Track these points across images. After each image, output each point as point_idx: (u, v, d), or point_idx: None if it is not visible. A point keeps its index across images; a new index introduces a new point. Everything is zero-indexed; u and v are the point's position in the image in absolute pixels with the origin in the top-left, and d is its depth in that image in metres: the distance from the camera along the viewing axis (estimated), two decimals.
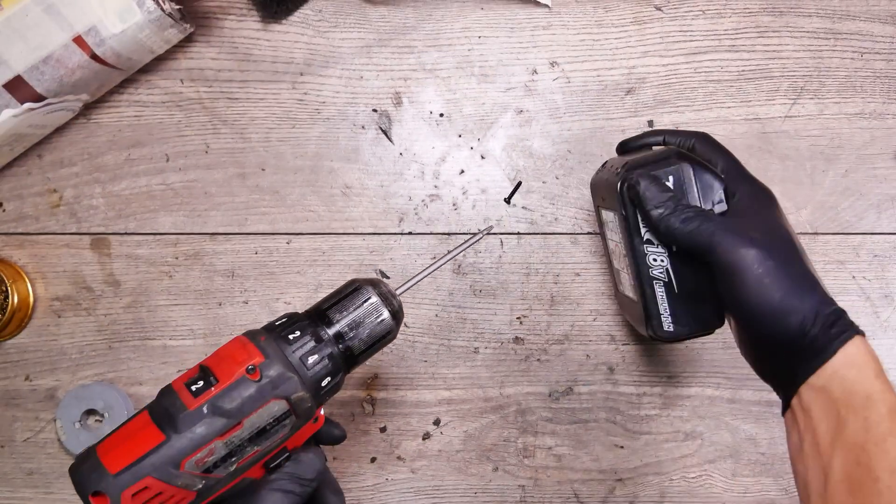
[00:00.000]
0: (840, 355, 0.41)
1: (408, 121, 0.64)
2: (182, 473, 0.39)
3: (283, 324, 0.44)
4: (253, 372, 0.40)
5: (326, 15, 0.64)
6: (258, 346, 0.42)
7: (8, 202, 0.65)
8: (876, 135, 0.64)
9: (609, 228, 0.54)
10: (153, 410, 0.41)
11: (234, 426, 0.40)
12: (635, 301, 0.51)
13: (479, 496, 0.64)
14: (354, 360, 0.45)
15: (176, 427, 0.39)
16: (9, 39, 0.56)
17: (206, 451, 0.40)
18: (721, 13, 0.64)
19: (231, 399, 0.40)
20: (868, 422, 0.39)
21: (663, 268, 0.48)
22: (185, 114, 0.64)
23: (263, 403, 0.41)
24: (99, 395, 0.62)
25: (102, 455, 0.39)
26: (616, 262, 0.55)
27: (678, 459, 0.63)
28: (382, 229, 0.64)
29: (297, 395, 0.42)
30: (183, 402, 0.40)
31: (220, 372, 0.41)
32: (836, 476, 0.40)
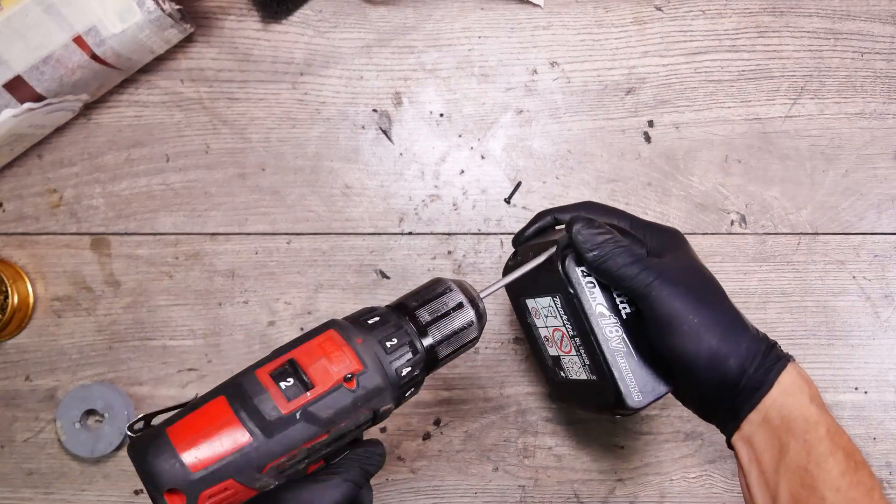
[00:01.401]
0: (776, 386, 0.42)
1: (408, 121, 0.64)
2: (262, 477, 0.37)
3: (378, 324, 0.41)
4: (350, 381, 0.38)
5: (326, 15, 0.64)
6: (355, 350, 0.39)
7: (8, 202, 0.65)
8: (876, 135, 0.64)
9: (542, 316, 0.52)
10: (233, 399, 0.37)
11: (322, 434, 0.38)
12: (591, 381, 0.49)
13: (479, 496, 0.64)
14: (432, 370, 0.43)
15: (265, 429, 0.36)
16: (9, 39, 0.56)
17: (290, 457, 0.37)
18: (721, 13, 0.64)
19: (326, 408, 0.37)
20: (808, 444, 0.41)
21: (620, 338, 0.47)
22: (185, 114, 0.64)
23: (355, 415, 0.39)
24: (99, 395, 0.62)
25: (178, 445, 0.35)
26: (554, 349, 0.52)
27: (678, 459, 0.63)
28: (382, 229, 0.64)
29: (386, 407, 0.40)
30: (274, 403, 0.37)
31: (313, 374, 0.38)
32: (784, 499, 0.41)
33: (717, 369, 0.43)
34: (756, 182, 0.64)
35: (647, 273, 0.44)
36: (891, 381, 0.63)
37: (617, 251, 0.44)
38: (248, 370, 0.39)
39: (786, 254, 0.64)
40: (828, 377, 0.63)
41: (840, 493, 0.40)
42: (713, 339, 0.43)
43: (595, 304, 0.47)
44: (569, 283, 0.47)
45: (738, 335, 0.43)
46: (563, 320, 0.49)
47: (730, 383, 0.43)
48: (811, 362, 0.63)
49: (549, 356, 0.53)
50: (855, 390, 0.63)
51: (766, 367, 0.43)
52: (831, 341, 0.63)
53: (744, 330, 0.44)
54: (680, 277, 0.44)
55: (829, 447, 0.41)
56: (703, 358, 0.43)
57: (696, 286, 0.44)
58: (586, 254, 0.45)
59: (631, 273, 0.44)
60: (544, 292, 0.50)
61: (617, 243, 0.45)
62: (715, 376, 0.43)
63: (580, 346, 0.49)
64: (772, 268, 0.64)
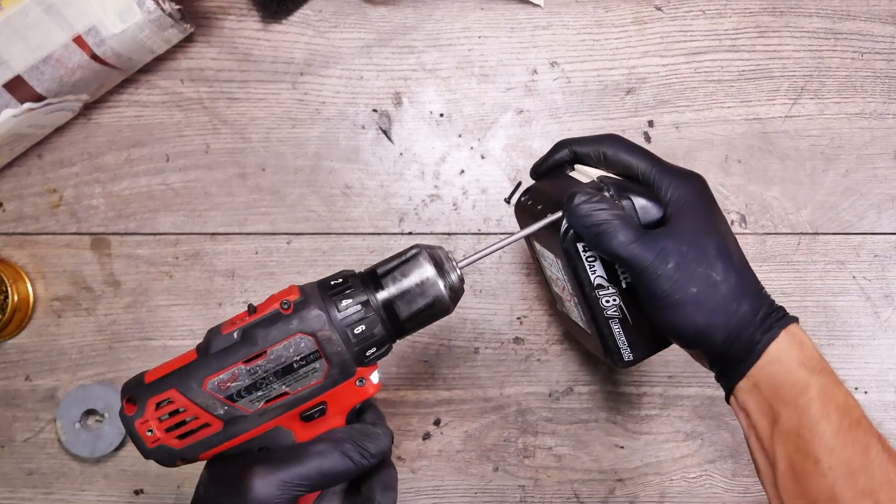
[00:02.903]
0: (764, 356, 0.42)
1: (408, 121, 0.64)
2: (203, 392, 0.41)
3: (332, 276, 0.44)
4: (287, 307, 0.41)
5: (326, 15, 0.64)
6: (299, 287, 0.43)
7: (8, 202, 0.65)
8: (876, 135, 0.64)
9: (548, 263, 0.52)
10: (198, 346, 0.43)
11: (259, 354, 0.41)
12: (588, 332, 0.51)
13: (479, 496, 0.64)
14: (401, 328, 0.43)
15: (207, 348, 0.41)
16: (9, 39, 0.56)
17: (229, 375, 0.41)
18: (721, 13, 0.64)
19: (261, 328, 0.41)
20: (799, 409, 0.41)
21: (616, 306, 0.48)
22: (185, 114, 0.64)
23: (289, 336, 0.41)
24: (99, 395, 0.62)
25: (147, 374, 0.42)
26: (557, 289, 0.53)
27: (678, 459, 0.63)
28: (382, 229, 0.64)
29: (324, 332, 0.41)
30: (220, 329, 0.42)
31: (260, 307, 0.42)
32: (782, 466, 0.42)
33: (703, 343, 0.44)
34: (756, 182, 0.64)
35: (644, 252, 0.43)
36: (891, 381, 0.63)
37: (614, 229, 0.43)
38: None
39: (786, 254, 0.64)
40: None
41: (834, 454, 0.40)
42: (700, 316, 0.43)
43: (594, 276, 0.47)
44: (568, 257, 0.47)
45: (727, 311, 0.43)
46: (563, 279, 0.50)
47: (716, 355, 0.44)
48: None
49: (552, 289, 0.55)
50: (855, 390, 0.63)
51: (755, 338, 0.43)
52: (831, 341, 0.63)
53: (735, 304, 0.43)
54: (679, 252, 0.43)
55: (820, 409, 0.41)
56: (689, 333, 0.44)
57: (694, 260, 0.43)
58: (583, 231, 0.45)
59: (628, 253, 0.43)
60: (549, 249, 0.50)
61: (616, 219, 0.44)
62: (701, 349, 0.45)
63: (578, 305, 0.50)
64: (772, 268, 0.64)
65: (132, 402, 0.41)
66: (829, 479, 0.40)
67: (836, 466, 0.40)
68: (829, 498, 0.40)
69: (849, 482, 0.40)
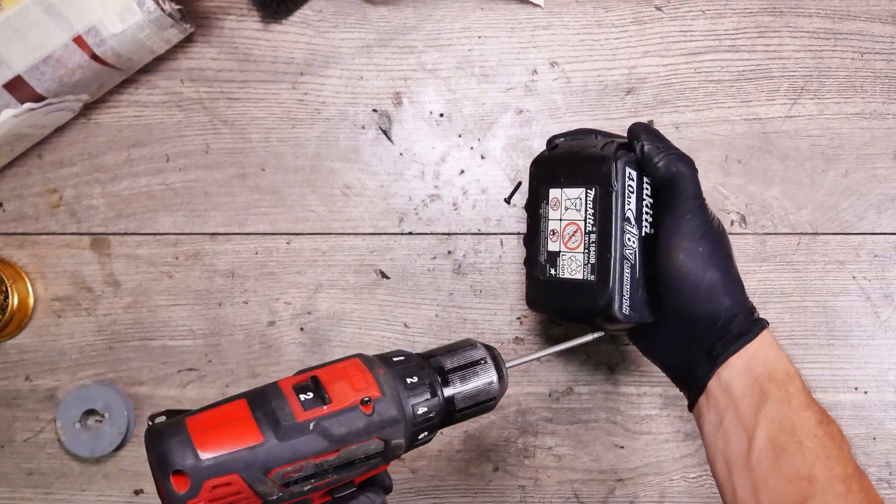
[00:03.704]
0: (759, 338, 0.45)
1: (408, 121, 0.64)
2: (267, 481, 0.37)
3: (402, 363, 0.43)
4: (367, 404, 0.39)
5: (326, 15, 0.64)
6: (376, 378, 0.41)
7: (8, 202, 0.65)
8: (876, 135, 0.64)
9: (561, 208, 0.53)
10: (253, 403, 0.39)
11: (332, 451, 0.39)
12: (586, 282, 0.50)
13: (479, 496, 0.64)
14: (449, 422, 0.45)
15: (277, 433, 0.37)
16: (9, 39, 0.56)
17: (297, 467, 0.38)
18: (721, 13, 0.64)
19: (339, 424, 0.39)
20: (789, 394, 0.43)
21: (634, 248, 0.49)
22: (185, 114, 0.64)
23: (367, 439, 0.39)
24: (99, 395, 0.62)
25: (193, 432, 0.37)
26: (556, 244, 0.53)
27: (678, 459, 0.63)
28: (382, 229, 0.64)
29: (397, 441, 0.41)
30: (291, 410, 0.38)
31: (332, 391, 0.39)
32: (760, 444, 0.43)
33: (712, 302, 0.45)
34: (756, 182, 0.64)
35: (700, 194, 0.47)
36: (891, 381, 0.63)
37: (686, 161, 0.48)
38: (272, 382, 0.40)
39: (786, 254, 0.64)
40: (828, 377, 0.63)
41: (817, 440, 0.42)
42: (717, 273, 0.46)
43: (627, 208, 0.49)
44: (615, 177, 0.49)
45: (736, 284, 0.47)
46: (586, 214, 0.51)
47: (717, 320, 0.45)
48: (811, 362, 0.63)
49: (546, 251, 0.54)
50: (855, 390, 0.63)
51: (751, 320, 0.46)
52: (831, 341, 0.63)
53: (740, 285, 0.47)
54: (713, 217, 0.48)
55: (806, 400, 0.44)
56: (703, 285, 0.45)
57: (723, 232, 0.48)
58: (665, 150, 0.48)
59: (689, 187, 0.47)
60: (580, 183, 0.51)
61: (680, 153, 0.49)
62: (707, 309, 0.45)
63: (592, 244, 0.50)
64: (772, 268, 0.64)
65: (183, 477, 0.36)
66: (808, 460, 0.41)
67: (817, 450, 0.42)
68: (806, 477, 0.41)
69: (826, 465, 0.41)
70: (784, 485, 0.41)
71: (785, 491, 0.41)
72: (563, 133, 0.56)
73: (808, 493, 0.41)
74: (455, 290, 0.64)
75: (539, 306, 0.56)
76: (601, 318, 0.50)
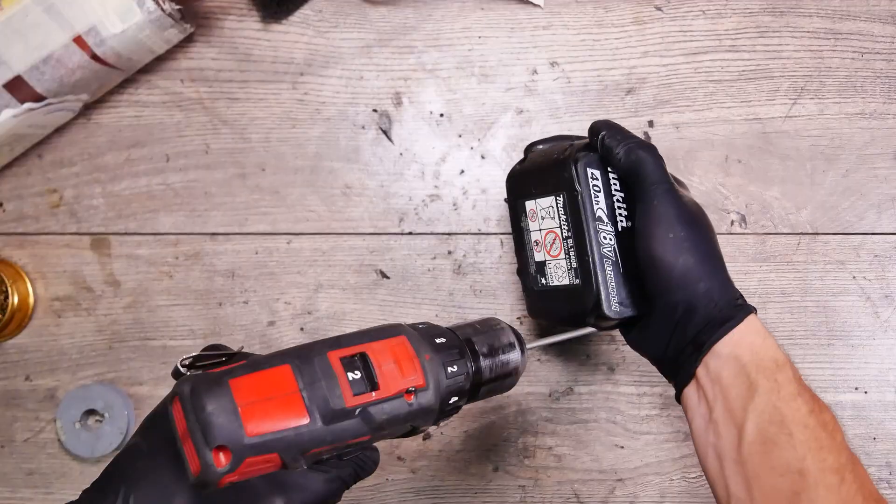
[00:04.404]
0: (745, 324, 0.44)
1: (408, 121, 0.64)
2: (302, 459, 0.36)
3: (445, 349, 0.41)
4: (410, 394, 0.38)
5: (326, 15, 0.64)
6: (423, 365, 0.40)
7: (8, 202, 0.65)
8: (876, 135, 0.64)
9: (538, 218, 0.53)
10: (300, 373, 0.36)
11: (367, 436, 0.38)
12: (573, 286, 0.51)
13: (479, 496, 0.64)
14: (471, 399, 0.44)
15: (324, 415, 0.36)
16: (9, 39, 0.56)
17: (333, 447, 0.37)
18: (721, 13, 0.64)
19: (382, 413, 0.38)
20: (778, 384, 0.42)
21: (611, 246, 0.49)
22: (185, 114, 0.64)
23: (401, 426, 0.39)
24: (99, 395, 0.62)
25: (240, 403, 0.34)
26: (541, 254, 0.54)
27: (678, 459, 0.63)
28: (383, 229, 0.64)
29: (424, 428, 0.40)
30: (340, 392, 0.37)
31: (381, 376, 0.38)
32: (750, 437, 0.42)
33: (688, 288, 0.44)
34: (756, 182, 0.64)
35: (665, 178, 0.46)
36: (891, 381, 0.63)
37: (646, 147, 0.47)
38: (317, 346, 0.38)
39: (786, 254, 0.64)
40: (828, 377, 0.63)
41: (808, 431, 0.41)
42: (691, 258, 0.45)
43: (597, 207, 0.49)
44: (577, 181, 0.49)
45: (713, 269, 0.45)
46: (559, 221, 0.51)
47: (697, 306, 0.44)
48: (811, 362, 0.63)
49: (534, 262, 0.54)
50: (855, 390, 0.63)
51: (734, 305, 0.45)
52: (831, 341, 0.63)
53: (721, 269, 0.46)
54: (686, 201, 0.47)
55: (796, 389, 0.42)
56: (676, 273, 0.44)
57: (698, 213, 0.47)
58: (625, 142, 0.47)
59: (653, 172, 0.46)
60: (550, 191, 0.52)
61: (643, 142, 0.48)
62: (684, 295, 0.45)
63: (570, 249, 0.51)
64: (772, 268, 0.64)
65: (226, 452, 0.34)
66: (800, 452, 0.40)
67: (808, 441, 0.41)
68: (798, 470, 0.40)
69: (818, 457, 0.40)
70: (776, 479, 0.41)
71: (777, 485, 0.41)
72: (540, 140, 0.56)
73: (800, 486, 0.40)
74: (455, 290, 0.64)
75: (540, 316, 0.57)
76: (594, 318, 0.50)
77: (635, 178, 0.47)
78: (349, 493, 0.64)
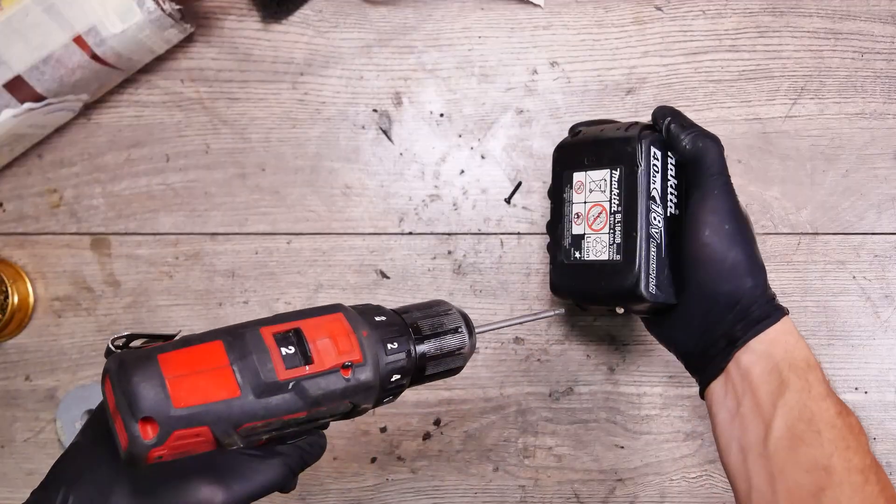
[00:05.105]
0: (780, 324, 0.45)
1: (408, 121, 0.64)
2: (234, 434, 0.35)
3: (385, 326, 0.41)
4: (347, 368, 0.38)
5: (326, 15, 0.64)
6: (360, 341, 0.39)
7: (8, 202, 0.65)
8: (876, 135, 0.64)
9: (585, 191, 0.53)
10: (231, 348, 0.36)
11: (303, 411, 0.37)
12: (612, 262, 0.51)
13: (479, 496, 0.64)
14: (417, 383, 0.44)
15: (255, 389, 0.35)
16: (9, 39, 0.56)
17: (266, 423, 0.36)
18: (721, 13, 0.64)
19: (317, 387, 0.37)
20: (809, 383, 0.43)
21: (659, 228, 0.49)
22: (185, 114, 0.64)
23: (339, 403, 0.38)
24: (99, 395, 0.62)
25: (168, 376, 0.34)
26: (581, 227, 0.54)
27: (678, 459, 0.63)
28: (383, 229, 0.64)
29: (366, 406, 0.40)
30: (272, 366, 0.36)
31: (315, 351, 0.37)
32: (778, 433, 0.42)
33: (734, 282, 0.45)
34: (756, 182, 0.64)
35: (726, 171, 0.47)
36: (891, 381, 0.63)
37: (712, 137, 0.48)
38: (251, 324, 0.38)
39: (786, 254, 0.64)
40: (828, 377, 0.63)
41: (836, 430, 0.42)
42: (741, 253, 0.45)
43: (652, 187, 0.50)
44: (640, 157, 0.49)
45: (759, 267, 0.46)
46: (611, 194, 0.51)
47: (739, 301, 0.45)
48: None
49: (570, 236, 0.54)
50: (855, 390, 0.63)
51: (772, 304, 0.46)
52: (831, 341, 0.63)
53: (763, 268, 0.47)
54: (738, 199, 0.48)
55: (826, 390, 0.43)
56: (727, 265, 0.45)
57: (745, 213, 0.48)
58: (690, 130, 0.48)
59: (715, 163, 0.47)
60: (605, 164, 0.52)
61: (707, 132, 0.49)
62: (729, 288, 0.45)
63: (617, 224, 0.51)
64: (772, 268, 0.63)
65: (153, 424, 0.33)
66: (827, 450, 0.41)
67: (835, 440, 0.41)
68: (824, 467, 0.41)
69: (844, 456, 0.41)
70: (801, 474, 0.41)
71: (802, 481, 0.41)
72: (585, 122, 0.57)
73: (825, 483, 0.40)
74: (455, 290, 0.64)
75: (563, 291, 0.56)
76: (627, 297, 0.50)
77: (698, 165, 0.47)
78: (349, 494, 0.64)
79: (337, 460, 0.64)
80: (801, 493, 0.41)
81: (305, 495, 0.64)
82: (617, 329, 0.63)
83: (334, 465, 0.64)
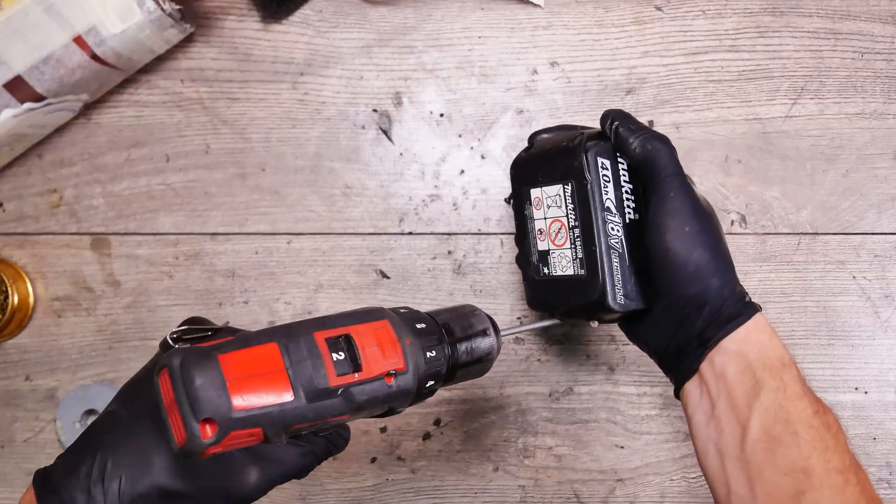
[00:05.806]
0: (752, 322, 0.43)
1: (408, 121, 0.64)
2: (283, 434, 0.37)
3: (425, 334, 0.43)
4: (391, 376, 0.39)
5: (326, 15, 0.64)
6: (403, 350, 0.41)
7: (8, 202, 0.65)
8: (876, 135, 0.64)
9: (543, 207, 0.53)
10: (287, 351, 0.38)
11: (346, 414, 0.39)
12: (578, 277, 0.50)
13: (479, 496, 0.64)
14: (445, 383, 0.45)
15: (308, 393, 0.37)
16: (9, 39, 0.56)
17: (313, 425, 0.38)
18: (721, 13, 0.64)
19: (363, 393, 0.39)
20: (784, 383, 0.42)
21: (619, 237, 0.49)
22: (185, 114, 0.64)
23: (379, 407, 0.40)
24: (99, 395, 0.62)
25: (228, 378, 0.35)
26: (545, 243, 0.53)
27: (678, 459, 0.63)
28: (383, 229, 0.64)
29: (401, 409, 0.41)
30: (325, 372, 0.38)
31: (365, 358, 0.39)
32: (754, 435, 0.41)
33: (701, 283, 0.44)
34: (756, 182, 0.64)
35: (681, 170, 0.46)
36: (891, 381, 0.63)
37: (661, 139, 0.47)
38: (303, 326, 0.39)
39: (786, 254, 0.64)
40: (828, 377, 0.63)
41: (813, 431, 0.41)
42: (705, 253, 0.44)
43: (606, 198, 0.48)
44: (587, 170, 0.48)
45: (726, 265, 0.45)
46: (566, 210, 0.51)
47: (708, 301, 0.44)
48: (811, 362, 0.63)
49: (537, 252, 0.54)
50: (855, 390, 0.63)
51: (743, 303, 0.44)
52: (831, 341, 0.63)
53: (731, 266, 0.46)
54: (699, 195, 0.47)
55: (801, 389, 0.42)
56: (691, 267, 0.44)
57: (710, 209, 0.47)
58: (638, 131, 0.47)
59: (668, 164, 0.46)
60: (557, 180, 0.51)
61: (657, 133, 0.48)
62: (696, 290, 0.44)
63: (577, 239, 0.50)
64: (772, 268, 0.64)
65: (213, 424, 0.34)
66: (805, 451, 0.40)
67: (813, 441, 0.41)
68: (803, 469, 0.40)
69: (823, 457, 0.40)
70: (780, 477, 0.40)
71: (781, 484, 0.40)
72: (543, 129, 0.55)
73: (804, 485, 0.40)
74: (455, 290, 0.64)
75: (540, 306, 0.56)
76: (597, 310, 0.49)
77: (650, 169, 0.46)
78: (349, 494, 0.64)
79: (337, 460, 0.64)
80: (781, 497, 0.40)
81: (305, 495, 0.64)
82: (617, 329, 0.63)
83: (334, 465, 0.64)
